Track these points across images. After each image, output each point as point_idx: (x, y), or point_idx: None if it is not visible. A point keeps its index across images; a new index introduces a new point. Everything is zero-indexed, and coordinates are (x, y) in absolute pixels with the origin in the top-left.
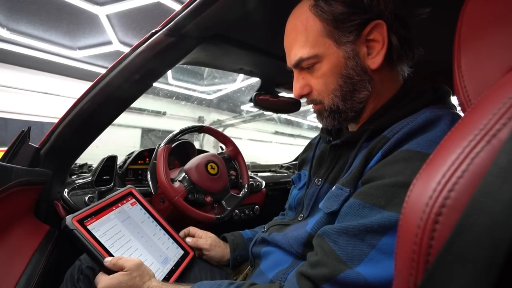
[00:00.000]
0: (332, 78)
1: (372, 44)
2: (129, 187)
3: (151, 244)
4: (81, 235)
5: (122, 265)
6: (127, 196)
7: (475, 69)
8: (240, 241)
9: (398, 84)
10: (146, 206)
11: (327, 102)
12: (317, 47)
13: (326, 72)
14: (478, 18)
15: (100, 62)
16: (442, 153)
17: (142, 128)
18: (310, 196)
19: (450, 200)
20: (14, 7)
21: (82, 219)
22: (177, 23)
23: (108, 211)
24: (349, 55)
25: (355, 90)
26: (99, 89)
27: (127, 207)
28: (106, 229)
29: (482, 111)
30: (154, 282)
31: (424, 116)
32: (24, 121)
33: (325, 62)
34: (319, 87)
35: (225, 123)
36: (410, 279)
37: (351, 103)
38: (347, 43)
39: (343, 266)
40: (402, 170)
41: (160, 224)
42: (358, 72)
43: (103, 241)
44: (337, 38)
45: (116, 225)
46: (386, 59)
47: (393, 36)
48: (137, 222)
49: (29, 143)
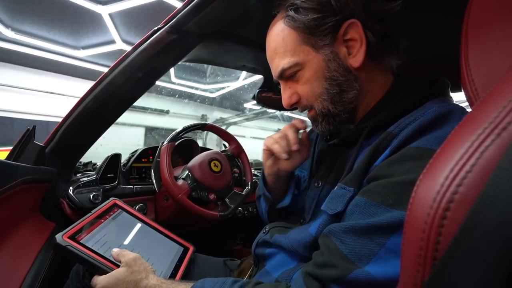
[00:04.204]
0: (316, 83)
1: (351, 43)
2: (112, 199)
3: (150, 245)
4: (76, 249)
5: (119, 259)
6: (113, 208)
7: (483, 63)
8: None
9: (389, 79)
10: (134, 213)
11: (317, 106)
12: (296, 55)
13: (310, 77)
14: (485, 12)
15: (104, 61)
16: (450, 148)
17: (146, 127)
18: (311, 199)
19: (459, 195)
20: (18, 7)
21: (73, 235)
22: (179, 20)
23: (97, 224)
24: (329, 58)
25: (343, 91)
26: (102, 88)
27: (115, 217)
28: (100, 240)
29: (491, 104)
30: (152, 280)
31: (433, 111)
32: (30, 120)
33: (307, 68)
34: (305, 93)
35: (228, 121)
36: (417, 276)
37: (342, 105)
38: (324, 47)
39: (351, 265)
40: (412, 168)
41: (152, 226)
42: (341, 72)
43: (101, 252)
44: (314, 43)
45: (110, 235)
46: (369, 55)
47: (369, 32)
48: (130, 229)
49: (34, 142)
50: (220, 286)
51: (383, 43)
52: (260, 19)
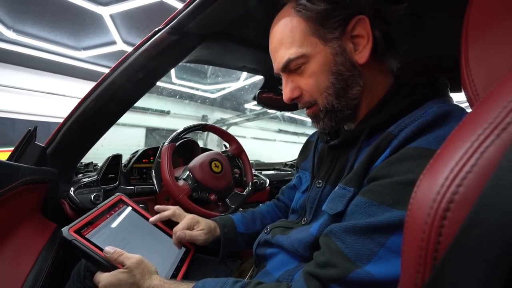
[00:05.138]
0: (323, 77)
1: (357, 40)
2: (118, 194)
3: (152, 244)
4: (82, 244)
5: (122, 262)
6: (118, 203)
7: (483, 63)
8: (232, 236)
9: (389, 79)
10: (139, 210)
11: (321, 102)
12: (304, 46)
13: (316, 71)
14: (485, 12)
15: (105, 62)
16: (450, 148)
17: (147, 127)
18: (312, 199)
19: (459, 196)
20: (19, 8)
21: (79, 229)
22: (179, 21)
23: (102, 219)
24: (336, 51)
25: (348, 86)
26: (103, 89)
27: (120, 213)
28: (105, 236)
29: (491, 105)
30: (155, 280)
31: (433, 111)
32: (31, 121)
33: (314, 61)
34: (310, 87)
35: (229, 121)
36: (417, 276)
37: (346, 100)
38: (333, 40)
39: (352, 265)
40: (411, 168)
41: (156, 225)
42: (347, 67)
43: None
44: (323, 35)
45: (114, 231)
46: (373, 54)
47: (376, 31)
48: (134, 226)
49: (35, 143)
50: (221, 286)
51: (387, 44)
52: (261, 20)
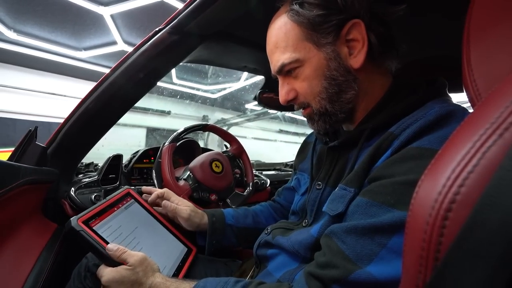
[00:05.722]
0: (316, 81)
1: (353, 44)
2: (126, 187)
3: (156, 242)
4: (89, 236)
5: (125, 259)
6: (126, 197)
7: (485, 64)
8: (220, 226)
9: (387, 80)
10: (145, 206)
11: (315, 105)
12: (297, 51)
13: (310, 75)
14: (487, 12)
15: (105, 62)
16: (451, 148)
17: (147, 127)
18: (313, 201)
19: (461, 196)
20: (20, 9)
21: (87, 220)
22: (180, 21)
23: (110, 212)
24: (330, 56)
25: (341, 91)
26: (103, 89)
27: (127, 207)
28: (111, 229)
29: (493, 105)
30: (158, 278)
31: (435, 111)
32: (32, 121)
33: (307, 65)
34: (304, 90)
35: (230, 121)
36: (419, 277)
37: (339, 105)
38: (327, 45)
39: (353, 266)
40: (413, 168)
41: (161, 222)
42: (341, 72)
43: (110, 241)
44: (317, 41)
45: (121, 225)
46: (369, 57)
47: (371, 34)
48: (139, 221)
49: (36, 143)
50: (222, 285)
51: (385, 46)
52: (261, 20)
